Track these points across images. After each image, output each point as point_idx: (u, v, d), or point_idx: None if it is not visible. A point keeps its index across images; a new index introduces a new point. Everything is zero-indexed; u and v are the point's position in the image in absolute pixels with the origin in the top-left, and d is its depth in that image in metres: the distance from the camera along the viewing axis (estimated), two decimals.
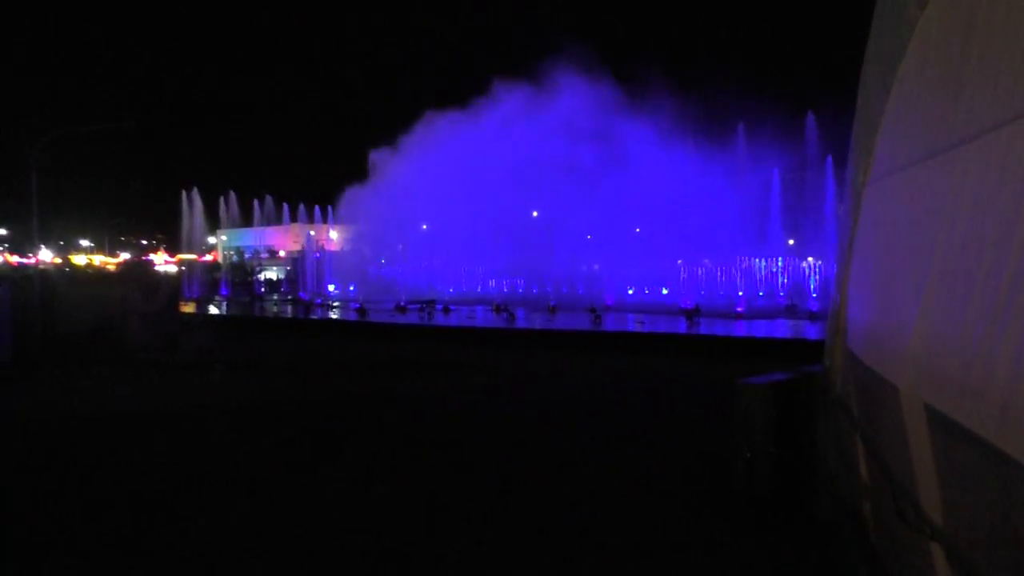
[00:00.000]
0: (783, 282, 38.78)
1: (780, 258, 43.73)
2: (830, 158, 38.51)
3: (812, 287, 33.63)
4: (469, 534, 6.86)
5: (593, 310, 31.00)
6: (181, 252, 74.71)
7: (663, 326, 27.14)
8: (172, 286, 29.63)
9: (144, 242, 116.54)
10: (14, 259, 79.34)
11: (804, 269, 42.11)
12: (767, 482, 7.30)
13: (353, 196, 60.88)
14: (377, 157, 58.61)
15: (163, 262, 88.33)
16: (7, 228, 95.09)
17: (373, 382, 16.85)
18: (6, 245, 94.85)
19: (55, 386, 16.74)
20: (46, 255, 77.19)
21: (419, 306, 36.07)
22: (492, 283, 49.83)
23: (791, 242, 47.67)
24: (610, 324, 27.90)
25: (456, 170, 52.66)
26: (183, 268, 66.34)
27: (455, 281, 50.83)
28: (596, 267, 50.35)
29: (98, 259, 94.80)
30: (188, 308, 39.65)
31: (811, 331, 23.53)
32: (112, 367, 19.32)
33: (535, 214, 55.27)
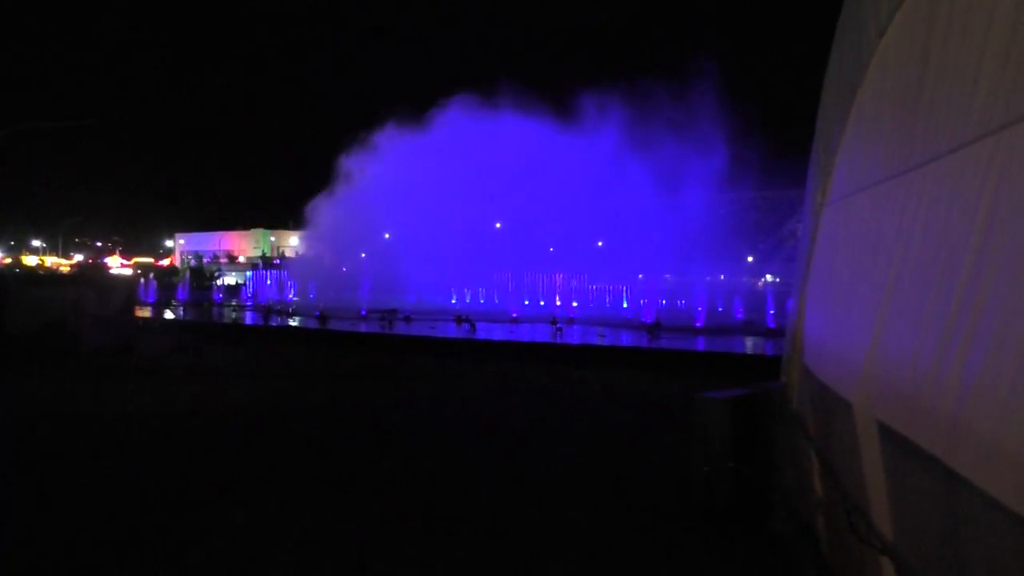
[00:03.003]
0: (742, 298, 39.33)
1: (740, 275, 44.47)
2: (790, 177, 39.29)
3: (770, 304, 34.18)
4: (431, 542, 6.82)
5: (554, 322, 31.08)
6: (137, 255, 73.29)
7: (624, 339, 27.31)
8: (128, 289, 28.93)
9: (99, 244, 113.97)
10: None
11: (762, 286, 42.79)
12: (725, 496, 7.39)
13: (316, 203, 60.56)
14: (341, 165, 58.41)
15: (119, 265, 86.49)
16: None
17: (333, 390, 16.67)
18: None
19: (2, 389, 16.27)
20: None
21: (380, 315, 35.83)
22: (453, 294, 49.74)
23: (750, 259, 48.50)
24: (571, 336, 27.97)
25: (419, 181, 52.69)
26: (138, 272, 64.94)
27: (417, 291, 50.62)
28: (558, 279, 50.60)
29: (50, 260, 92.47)
30: (144, 312, 38.82)
31: (769, 347, 23.88)
32: (64, 370, 18.83)
33: (498, 225, 55.48)
